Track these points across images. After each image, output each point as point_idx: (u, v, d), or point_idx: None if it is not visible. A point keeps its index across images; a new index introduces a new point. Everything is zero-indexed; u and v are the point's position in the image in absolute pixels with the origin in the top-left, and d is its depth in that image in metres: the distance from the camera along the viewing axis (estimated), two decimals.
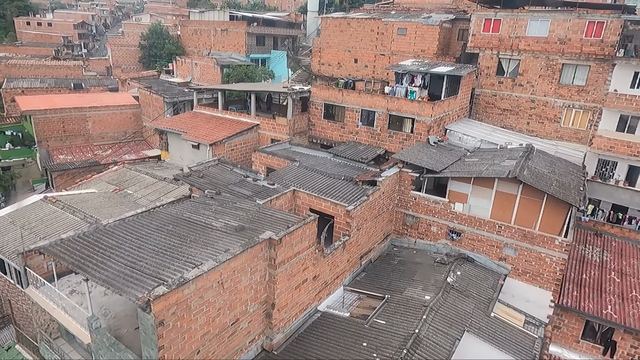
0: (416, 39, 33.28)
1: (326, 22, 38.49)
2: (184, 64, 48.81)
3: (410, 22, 33.32)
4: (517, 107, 28.13)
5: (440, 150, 22.72)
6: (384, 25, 34.77)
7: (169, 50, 55.83)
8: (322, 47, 39.42)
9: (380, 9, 41.86)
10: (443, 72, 26.12)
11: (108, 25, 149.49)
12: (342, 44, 37.86)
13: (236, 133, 26.18)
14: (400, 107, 24.04)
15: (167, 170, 26.47)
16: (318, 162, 23.10)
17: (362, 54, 36.85)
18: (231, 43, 50.59)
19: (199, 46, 56.52)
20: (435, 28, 32.13)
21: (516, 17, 26.96)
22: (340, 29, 37.61)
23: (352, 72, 37.84)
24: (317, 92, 27.10)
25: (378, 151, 24.74)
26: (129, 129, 44.50)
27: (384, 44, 35.23)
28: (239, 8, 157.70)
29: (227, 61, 46.02)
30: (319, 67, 40.29)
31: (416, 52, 33.53)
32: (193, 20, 56.42)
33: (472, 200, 19.25)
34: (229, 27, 50.21)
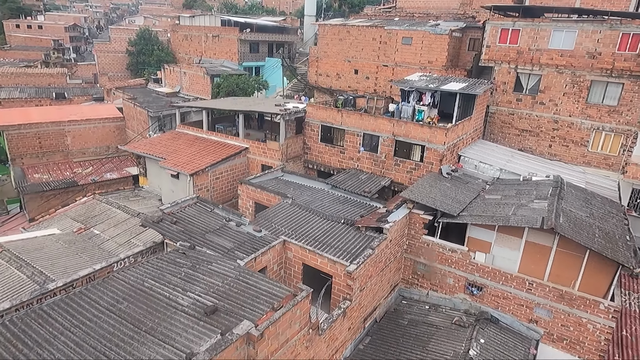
0: (423, 49, 30.23)
1: (324, 30, 35.43)
2: (173, 72, 45.71)
3: (416, 31, 30.26)
4: (538, 128, 25.09)
5: (455, 183, 19.66)
6: (387, 33, 31.72)
7: (158, 57, 52.74)
8: (319, 56, 36.37)
9: (382, 15, 38.81)
10: (455, 89, 23.07)
11: (102, 27, 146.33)
12: (342, 53, 34.81)
13: (221, 159, 23.10)
14: (408, 132, 20.99)
15: (143, 202, 23.38)
16: (314, 196, 20.04)
17: (363, 65, 33.79)
18: (223, 50, 47.50)
19: (189, 52, 53.44)
20: (444, 38, 29.07)
21: (537, 28, 23.92)
22: (340, 37, 34.56)
23: (352, 83, 34.80)
24: (313, 112, 24.04)
25: (382, 182, 21.68)
26: (113, 143, 41.44)
27: (387, 54, 32.18)
28: (235, 9, 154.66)
29: (218, 70, 42.92)
30: (316, 77, 37.23)
31: (423, 64, 30.48)
32: (183, 26, 53.34)
33: (497, 250, 16.20)
34: (221, 33, 47.13)
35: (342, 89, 35.52)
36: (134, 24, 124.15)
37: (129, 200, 23.52)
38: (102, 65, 56.05)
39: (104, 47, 55.09)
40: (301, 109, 24.51)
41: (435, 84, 24.39)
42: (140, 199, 24.05)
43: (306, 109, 24.29)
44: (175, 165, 22.19)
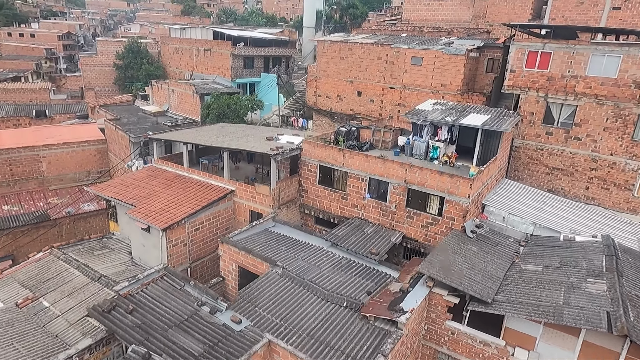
0: (435, 70, 26.74)
1: (323, 47, 32.00)
2: (160, 89, 42.32)
3: (428, 50, 26.79)
4: (572, 167, 21.53)
5: (482, 246, 16.09)
6: (395, 52, 28.25)
7: (147, 71, 49.37)
8: (318, 75, 32.91)
9: (387, 30, 35.38)
10: (478, 124, 19.57)
11: (98, 34, 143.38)
12: (343, 73, 31.34)
13: (202, 207, 19.57)
14: (424, 180, 17.45)
15: (110, 257, 19.82)
16: (310, 259, 16.48)
17: (367, 86, 30.32)
18: (215, 65, 44.11)
19: (180, 67, 50.09)
20: (460, 59, 25.59)
21: (573, 51, 20.41)
22: (341, 55, 31.11)
23: (355, 106, 31.31)
24: (310, 150, 20.53)
25: (393, 237, 18.12)
26: (94, 168, 38.06)
27: (394, 75, 28.70)
28: (235, 16, 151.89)
29: (209, 88, 39.51)
30: (315, 98, 33.76)
31: (435, 87, 26.98)
32: (174, 38, 50.02)
33: (543, 348, 12.62)
34: (213, 47, 43.76)
35: (344, 111, 32.04)
36: (129, 31, 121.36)
37: (94, 254, 19.97)
38: (88, 80, 52.71)
39: (90, 60, 51.79)
40: (296, 145, 21.01)
41: (452, 115, 20.88)
42: (108, 251, 20.49)
43: (302, 146, 20.79)
44: (146, 216, 18.65)
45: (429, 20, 40.73)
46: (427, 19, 40.85)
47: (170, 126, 37.25)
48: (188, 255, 19.43)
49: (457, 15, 39.10)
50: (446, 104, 23.14)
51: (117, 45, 52.07)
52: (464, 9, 38.63)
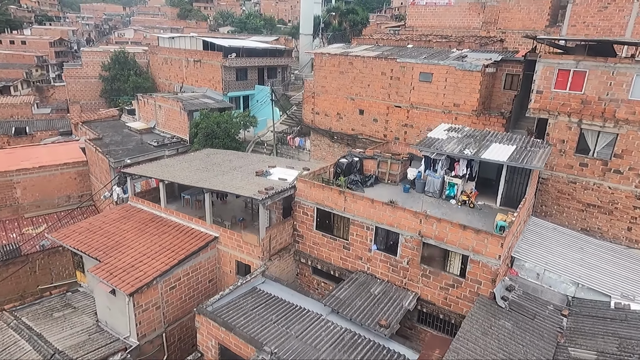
0: (447, 88, 23.72)
1: (321, 61, 28.98)
2: (147, 104, 39.37)
3: (438, 66, 23.75)
4: (611, 204, 18.50)
5: (517, 320, 13.05)
6: (401, 67, 25.23)
7: (134, 83, 46.39)
8: (316, 91, 29.91)
9: (391, 40, 32.33)
10: (503, 160, 16.56)
11: (92, 40, 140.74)
12: (343, 89, 28.34)
13: (178, 262, 16.56)
14: (442, 233, 14.42)
15: (71, 321, 16.80)
16: (305, 335, 13.46)
17: (370, 104, 27.31)
18: (206, 77, 41.13)
19: (170, 78, 47.13)
20: (476, 76, 22.56)
21: (612, 70, 17.38)
22: (340, 69, 28.09)
23: (357, 126, 28.29)
24: (306, 191, 17.52)
25: (405, 301, 15.09)
26: (74, 192, 35.18)
27: (400, 92, 25.68)
28: (232, 19, 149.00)
29: (198, 104, 36.53)
30: (312, 116, 30.75)
31: (446, 107, 23.96)
32: (163, 48, 47.04)
33: None
34: (203, 57, 40.78)
35: (344, 131, 29.02)
36: (123, 37, 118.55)
37: (53, 317, 16.96)
38: (72, 93, 49.75)
39: (75, 72, 48.83)
40: (290, 184, 17.99)
41: (471, 146, 17.85)
42: (70, 312, 17.49)
43: (296, 185, 17.78)
44: (110, 276, 15.64)
45: (435, 27, 37.72)
46: (433, 26, 37.83)
47: (156, 146, 34.34)
48: (162, 319, 16.43)
49: (466, 21, 36.07)
50: (462, 130, 20.11)
51: (103, 55, 49.11)
52: (473, 14, 35.60)
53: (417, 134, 25.46)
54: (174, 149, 33.97)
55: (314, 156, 31.52)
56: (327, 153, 30.54)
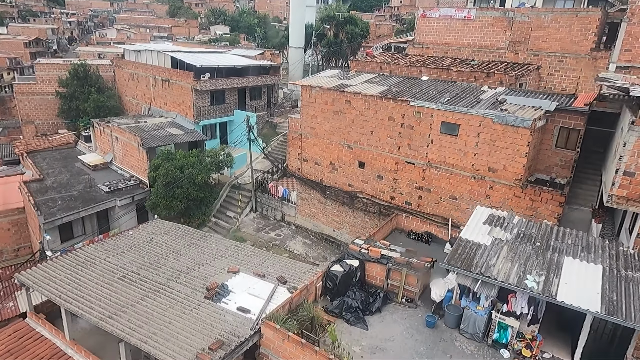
0: (479, 146, 17.33)
1: (310, 95, 22.49)
2: (104, 133, 32.76)
3: (468, 115, 17.33)
4: None
5: None
6: (415, 113, 18.80)
7: (95, 102, 39.59)
8: (304, 133, 23.46)
9: (399, 64, 25.67)
10: (593, 310, 10.21)
11: (75, 39, 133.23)
12: (338, 133, 21.91)
13: None
14: None
15: None
16: None
17: (372, 156, 20.90)
18: (175, 101, 34.51)
19: (136, 97, 40.44)
20: (523, 134, 16.13)
21: None
22: (335, 108, 21.64)
23: (356, 181, 21.89)
24: (277, 344, 11.07)
25: None
26: (8, 245, 28.84)
27: (414, 144, 19.28)
28: (224, 17, 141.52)
29: (161, 137, 29.90)
30: (299, 163, 24.30)
31: (478, 171, 17.59)
32: (128, 61, 40.27)
33: None
34: (171, 77, 34.13)
35: (339, 186, 22.60)
36: (104, 37, 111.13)
37: None
38: (26, 112, 42.89)
39: (28, 88, 41.98)
40: (253, 325, 11.54)
41: (534, 264, 11.52)
42: None
43: (261, 331, 11.33)
44: None
45: (450, 45, 31.24)
46: (448, 43, 31.35)
47: (107, 192, 27.84)
48: None
49: (489, 39, 29.62)
50: (510, 223, 13.74)
51: (60, 68, 42.24)
52: (498, 31, 29.15)
53: (436, 201, 19.10)
54: (129, 196, 27.45)
55: (300, 212, 25.10)
56: (318, 210, 24.13)
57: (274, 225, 26.11)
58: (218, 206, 28.35)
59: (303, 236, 24.71)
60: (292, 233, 25.08)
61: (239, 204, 27.51)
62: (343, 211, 22.96)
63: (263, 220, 26.79)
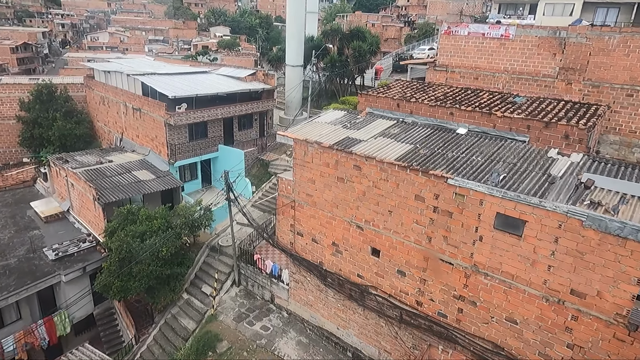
0: (558, 256, 11.43)
1: (305, 153, 16.64)
2: (59, 175, 27.14)
3: (539, 209, 11.42)
4: None
5: None
6: (456, 196, 12.92)
7: (61, 130, 33.97)
8: (298, 199, 17.64)
9: (423, 104, 19.56)
10: None
11: (68, 42, 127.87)
12: (343, 206, 16.07)
13: None
14: None
15: None
16: None
17: (391, 243, 15.05)
18: (148, 134, 28.77)
19: (108, 124, 34.77)
20: (636, 250, 10.27)
21: None
22: (339, 173, 15.80)
23: (367, 272, 16.05)
24: None
25: None
26: None
27: (453, 238, 13.40)
28: (224, 17, 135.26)
29: (124, 187, 24.16)
30: (291, 237, 18.48)
31: (554, 291, 11.66)
32: (98, 83, 34.54)
33: None
34: (143, 106, 28.39)
35: (345, 275, 16.77)
36: (96, 41, 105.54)
37: None
38: None
39: None
40: None
41: None
42: None
43: None
44: None
45: (482, 70, 25.27)
46: (479, 67, 25.37)
47: (53, 260, 22.23)
48: None
49: (533, 64, 23.61)
50: None
51: (23, 89, 36.64)
52: (545, 54, 23.12)
53: (485, 320, 13.24)
54: (79, 268, 21.78)
55: (294, 297, 19.30)
56: (317, 299, 18.32)
57: (261, 309, 20.34)
58: (193, 276, 22.63)
59: (297, 330, 18.92)
60: (284, 325, 19.29)
61: (216, 278, 21.72)
62: (350, 307, 17.15)
63: (248, 299, 21.03)
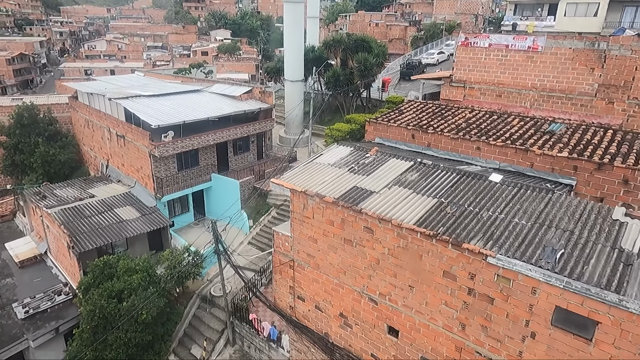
0: None
1: (304, 206, 13.73)
2: (35, 214, 24.50)
3: (622, 311, 8.44)
4: None
5: None
6: (499, 279, 9.95)
7: (43, 157, 31.40)
8: (297, 259, 14.74)
9: (443, 135, 16.47)
10: None
11: (67, 50, 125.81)
12: (352, 273, 13.14)
13: None
14: None
15: None
16: None
17: (412, 324, 12.09)
18: (133, 165, 26.04)
19: (94, 149, 32.10)
20: None
21: None
22: (346, 234, 12.85)
23: (384, 355, 13.08)
24: None
25: None
26: None
27: (495, 330, 10.43)
28: (225, 20, 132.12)
29: (103, 232, 21.38)
30: (291, 300, 15.58)
31: None
32: (82, 104, 31.86)
33: None
34: (126, 133, 25.63)
35: (356, 352, 13.84)
36: (94, 49, 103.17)
37: None
38: None
39: None
40: None
41: None
42: None
43: None
44: None
45: (506, 86, 22.19)
46: (502, 83, 22.29)
47: (23, 320, 19.56)
48: None
49: (566, 80, 20.48)
50: None
51: (4, 112, 34.09)
52: (580, 69, 19.99)
53: None
54: (51, 330, 19.06)
55: None
56: None
57: None
58: (181, 333, 19.81)
59: None
60: None
61: (206, 337, 18.89)
62: None
63: None
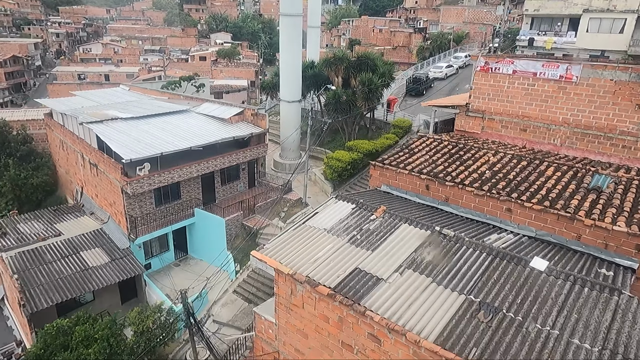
0: None
1: (290, 289, 10.73)
2: None
3: None
4: None
5: None
6: None
7: (13, 180, 28.47)
8: (285, 354, 11.73)
9: (464, 182, 13.33)
10: None
11: (63, 52, 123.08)
12: None
13: None
14: None
15: None
16: None
17: None
18: (107, 198, 23.06)
19: (69, 172, 29.14)
20: None
21: None
22: (344, 337, 9.84)
23: None
24: None
25: None
26: None
27: None
28: (226, 23, 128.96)
29: (64, 283, 18.39)
30: None
31: None
32: (57, 123, 28.88)
33: None
34: (99, 162, 22.68)
35: None
36: (89, 53, 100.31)
37: None
38: None
39: None
40: None
41: None
42: None
43: None
44: None
45: (532, 119, 19.19)
46: (528, 116, 19.29)
47: None
48: None
49: (605, 116, 17.48)
50: None
51: None
52: (625, 105, 16.99)
53: None
54: None
55: None
56: None
57: None
58: None
59: None
60: None
61: None
62: None
63: None
